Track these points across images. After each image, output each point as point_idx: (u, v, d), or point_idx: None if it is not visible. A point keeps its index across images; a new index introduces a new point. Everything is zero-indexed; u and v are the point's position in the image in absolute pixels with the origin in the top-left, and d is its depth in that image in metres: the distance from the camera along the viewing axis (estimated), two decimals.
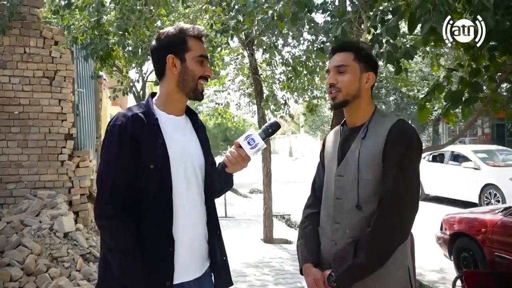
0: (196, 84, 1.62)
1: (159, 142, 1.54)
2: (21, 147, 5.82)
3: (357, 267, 1.52)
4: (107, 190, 1.50)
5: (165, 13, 6.69)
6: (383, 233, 1.51)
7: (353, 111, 1.69)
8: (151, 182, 1.52)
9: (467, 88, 2.97)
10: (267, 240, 6.95)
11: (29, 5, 5.79)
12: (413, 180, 1.56)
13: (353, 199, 1.60)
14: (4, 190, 5.74)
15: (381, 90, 20.39)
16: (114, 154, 1.51)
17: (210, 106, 12.09)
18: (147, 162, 1.51)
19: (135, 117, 1.54)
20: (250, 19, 3.24)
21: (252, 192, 15.18)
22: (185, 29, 1.63)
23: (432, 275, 5.44)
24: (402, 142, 1.56)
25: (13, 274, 3.91)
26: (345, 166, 1.65)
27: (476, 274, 3.12)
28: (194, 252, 1.62)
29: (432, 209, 9.36)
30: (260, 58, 7.39)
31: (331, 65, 1.69)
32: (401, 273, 1.58)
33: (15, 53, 5.79)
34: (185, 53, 1.60)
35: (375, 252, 1.51)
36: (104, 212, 1.50)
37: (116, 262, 1.48)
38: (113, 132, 1.53)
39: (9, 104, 5.77)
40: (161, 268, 1.51)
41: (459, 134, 7.90)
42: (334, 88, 1.66)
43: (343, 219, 1.63)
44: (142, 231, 1.50)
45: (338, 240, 1.62)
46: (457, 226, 5.11)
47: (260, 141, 1.56)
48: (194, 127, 1.74)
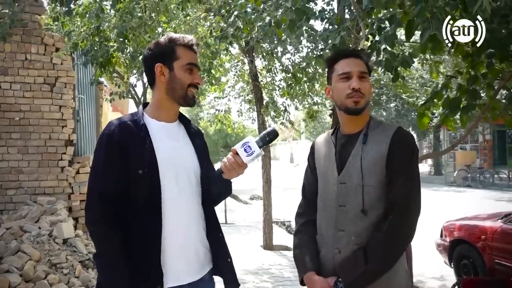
0: (185, 92, 1.65)
1: (146, 147, 1.57)
2: (21, 153, 5.83)
3: (370, 273, 1.54)
4: (95, 197, 1.55)
5: (166, 20, 6.74)
6: (397, 239, 1.57)
7: (359, 118, 1.70)
8: (140, 187, 1.55)
9: (465, 95, 2.98)
10: (267, 247, 6.93)
11: (30, 12, 5.83)
12: (417, 187, 1.62)
13: (357, 206, 1.61)
14: (4, 196, 5.74)
15: (382, 96, 20.44)
16: (101, 163, 1.56)
17: (211, 112, 12.12)
18: (136, 167, 1.55)
19: (123, 125, 1.59)
20: (248, 26, 3.27)
21: (252, 198, 15.17)
22: (174, 38, 1.68)
23: (432, 282, 5.43)
24: (407, 150, 1.61)
25: (12, 280, 3.90)
26: (348, 173, 1.65)
27: (473, 281, 3.11)
28: (188, 256, 1.63)
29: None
30: (260, 65, 7.42)
31: (355, 69, 1.67)
32: (403, 275, 1.64)
33: (16, 59, 5.82)
34: (174, 61, 1.65)
35: (389, 258, 1.56)
36: (92, 218, 1.55)
37: (100, 268, 1.54)
38: (101, 141, 1.59)
39: (10, 110, 5.79)
40: (150, 273, 1.53)
41: (458, 141, 7.91)
42: (359, 93, 1.64)
43: (347, 226, 1.63)
44: (131, 236, 1.53)
45: (343, 248, 1.63)
46: (457, 233, 5.10)
47: (257, 148, 1.57)
48: (188, 134, 1.76)
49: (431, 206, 11.50)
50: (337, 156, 1.72)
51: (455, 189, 16.55)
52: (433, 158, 22.21)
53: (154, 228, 1.55)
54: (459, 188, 16.80)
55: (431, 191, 15.71)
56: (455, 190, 16.20)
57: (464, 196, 14.12)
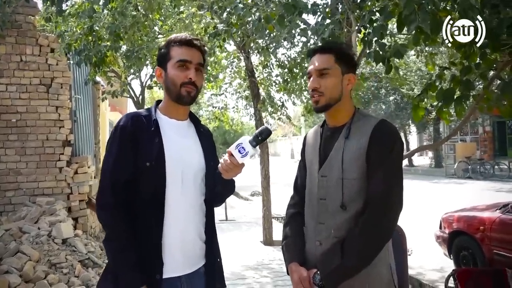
0: (179, 90, 1.68)
1: (156, 142, 1.64)
2: (19, 155, 5.85)
3: (346, 268, 1.53)
4: (107, 184, 1.61)
5: (161, 18, 6.72)
6: (373, 235, 1.53)
7: (335, 113, 1.69)
8: (147, 179, 1.62)
9: (458, 86, 2.97)
10: (267, 243, 6.95)
11: (24, 13, 5.83)
12: (398, 181, 1.57)
13: (337, 199, 1.60)
14: (3, 198, 5.76)
15: (381, 90, 20.40)
16: (114, 152, 1.64)
17: (209, 110, 12.11)
18: (144, 160, 1.61)
19: (136, 118, 1.68)
20: (238, 21, 3.25)
21: (253, 195, 15.16)
22: (169, 40, 1.75)
23: (432, 274, 5.43)
24: (387, 143, 1.56)
25: (12, 281, 3.92)
26: (329, 166, 1.65)
27: (469, 272, 3.11)
28: (186, 250, 1.69)
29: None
30: (256, 61, 7.41)
31: (313, 68, 1.67)
32: (385, 271, 1.60)
33: (11, 61, 5.83)
34: (167, 62, 1.71)
35: (365, 253, 1.53)
36: (104, 203, 1.61)
37: (110, 251, 1.61)
38: (115, 132, 1.66)
39: (6, 112, 5.80)
40: (150, 262, 1.60)
41: (453, 133, 7.88)
42: (316, 92, 1.65)
43: (327, 219, 1.63)
44: (136, 226, 1.60)
45: (323, 241, 1.63)
46: (456, 225, 5.10)
47: (250, 149, 1.62)
48: (197, 133, 1.82)
49: (431, 198, 11.51)
50: (321, 149, 1.72)
51: (456, 181, 16.54)
52: (431, 150, 22.18)
53: (156, 220, 1.62)
54: (459, 180, 16.79)
55: (432, 184, 15.71)
56: (456, 182, 16.19)
57: (464, 188, 14.11)
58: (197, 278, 1.72)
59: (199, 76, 1.73)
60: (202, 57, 1.75)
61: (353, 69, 1.71)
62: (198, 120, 1.87)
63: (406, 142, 24.73)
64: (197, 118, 1.88)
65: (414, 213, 9.40)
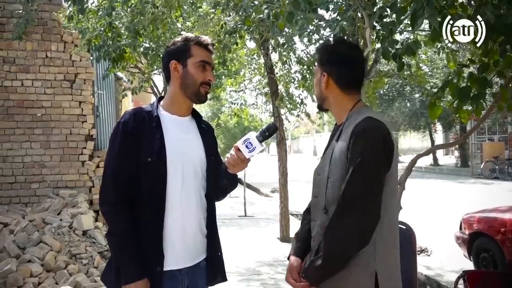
0: (198, 88, 1.75)
1: (157, 137, 1.68)
2: (44, 148, 6.04)
3: (315, 267, 1.51)
4: (109, 179, 1.66)
5: (182, 15, 6.78)
6: (334, 236, 1.48)
7: (333, 112, 1.72)
8: (148, 174, 1.65)
9: (475, 84, 2.89)
10: (284, 239, 6.95)
11: (49, 10, 6.01)
12: (369, 182, 1.46)
13: (324, 198, 1.60)
14: (28, 190, 5.97)
15: (406, 87, 20.01)
16: (116, 148, 1.68)
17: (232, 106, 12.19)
18: (146, 155, 1.66)
19: (138, 114, 1.72)
20: (250, 19, 3.27)
21: (273, 191, 15.15)
22: (189, 37, 1.79)
23: (452, 276, 5.31)
24: (361, 142, 1.48)
25: (33, 270, 4.07)
26: (322, 165, 1.66)
27: (479, 274, 3.04)
28: (187, 243, 1.72)
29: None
30: (276, 57, 7.39)
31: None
32: (365, 279, 1.49)
33: (37, 57, 6.02)
34: (187, 59, 1.75)
35: (329, 254, 1.48)
36: (107, 198, 1.66)
37: (113, 244, 1.66)
38: (117, 128, 1.71)
39: (32, 106, 6.00)
40: (151, 254, 1.64)
41: (469, 132, 7.66)
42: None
43: (317, 217, 1.64)
44: (137, 220, 1.64)
45: (316, 237, 1.64)
46: (477, 226, 4.97)
47: (258, 144, 1.65)
48: (199, 128, 1.85)
49: (455, 198, 11.24)
50: (326, 147, 1.74)
51: (482, 181, 16.09)
52: (447, 148, 21.56)
53: (157, 213, 1.66)
54: (486, 180, 16.32)
55: (457, 184, 15.33)
56: (482, 182, 15.75)
57: (491, 189, 13.71)
58: (198, 271, 1.76)
59: (213, 78, 1.82)
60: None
61: (333, 65, 1.63)
62: (199, 115, 1.90)
63: (432, 141, 24.17)
64: (199, 114, 1.91)
65: (436, 213, 9.23)
